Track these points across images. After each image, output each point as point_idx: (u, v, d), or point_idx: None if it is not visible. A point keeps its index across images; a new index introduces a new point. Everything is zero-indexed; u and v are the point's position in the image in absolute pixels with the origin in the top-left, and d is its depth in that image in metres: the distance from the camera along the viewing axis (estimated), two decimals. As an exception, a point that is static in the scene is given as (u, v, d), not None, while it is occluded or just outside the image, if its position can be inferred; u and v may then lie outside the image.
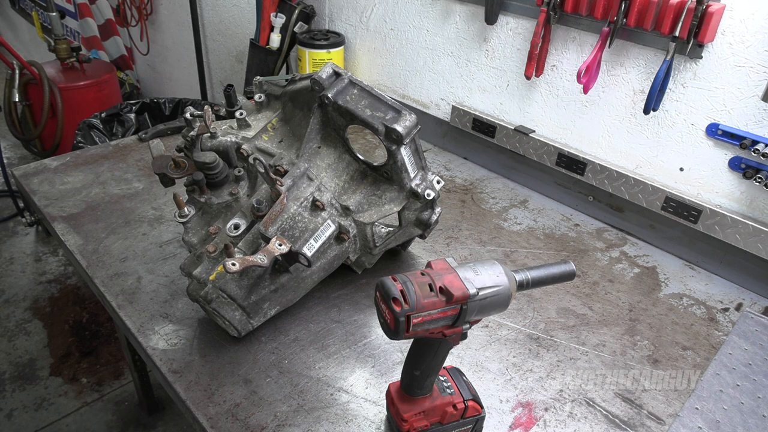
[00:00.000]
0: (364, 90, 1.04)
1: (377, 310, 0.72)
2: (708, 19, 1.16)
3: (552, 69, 1.52)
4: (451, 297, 0.68)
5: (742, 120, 1.22)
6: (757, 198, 1.26)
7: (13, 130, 3.23)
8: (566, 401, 0.97)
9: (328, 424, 0.90)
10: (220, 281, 0.96)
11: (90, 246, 1.28)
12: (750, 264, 1.28)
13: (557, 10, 1.39)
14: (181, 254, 1.26)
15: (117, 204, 1.44)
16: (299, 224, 0.99)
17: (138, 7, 3.49)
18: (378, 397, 0.95)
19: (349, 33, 2.09)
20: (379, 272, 1.22)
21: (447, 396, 0.84)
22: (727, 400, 0.99)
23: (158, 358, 1.00)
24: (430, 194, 1.06)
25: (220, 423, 0.89)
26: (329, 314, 1.12)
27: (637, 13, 1.24)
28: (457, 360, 1.04)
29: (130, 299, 1.13)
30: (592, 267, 1.33)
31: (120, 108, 2.58)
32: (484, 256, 1.34)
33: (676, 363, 1.07)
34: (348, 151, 1.10)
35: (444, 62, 1.79)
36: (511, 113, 1.67)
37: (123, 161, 1.64)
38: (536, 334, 1.11)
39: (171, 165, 0.97)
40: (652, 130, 1.38)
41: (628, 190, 1.42)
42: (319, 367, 1.00)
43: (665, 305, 1.23)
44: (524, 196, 1.62)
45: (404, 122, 0.99)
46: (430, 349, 0.77)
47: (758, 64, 1.16)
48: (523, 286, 0.76)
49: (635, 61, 1.35)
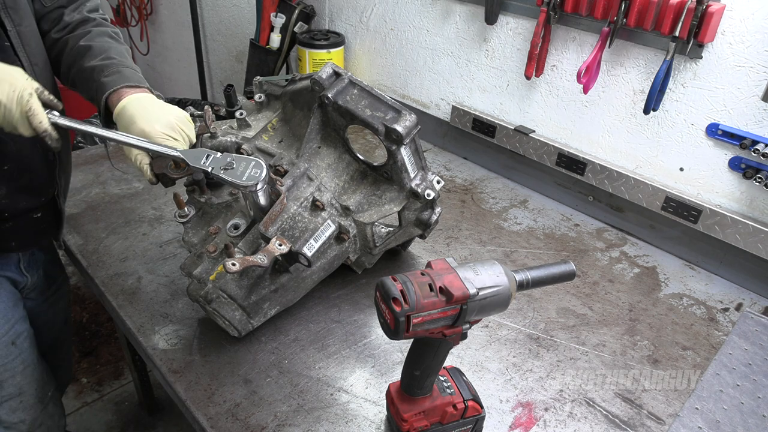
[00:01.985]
0: (364, 90, 1.04)
1: (377, 310, 0.72)
2: (708, 19, 1.16)
3: (552, 69, 1.52)
4: (451, 297, 0.68)
5: (742, 120, 1.22)
6: (757, 198, 1.26)
7: (13, 130, 3.22)
8: (566, 401, 0.97)
9: (328, 424, 0.90)
10: (220, 281, 0.96)
11: (90, 246, 1.28)
12: (750, 264, 1.28)
13: (557, 10, 1.39)
14: (181, 254, 1.26)
15: (117, 204, 1.44)
16: (299, 224, 0.99)
17: (138, 7, 3.49)
18: (378, 397, 0.95)
19: (349, 33, 2.09)
20: (379, 272, 1.22)
21: (447, 396, 0.84)
22: (727, 400, 0.99)
23: (158, 358, 1.00)
24: (430, 194, 1.06)
25: (220, 423, 0.89)
26: (329, 314, 1.12)
27: (637, 13, 1.24)
28: (457, 360, 1.04)
29: (130, 299, 1.13)
30: (592, 267, 1.33)
31: (120, 108, 2.57)
32: (484, 256, 1.34)
33: (676, 363, 1.07)
34: (348, 151, 1.10)
35: (444, 62, 1.79)
36: (511, 113, 1.67)
37: (123, 161, 1.64)
38: (536, 334, 1.11)
39: (171, 165, 0.97)
40: (652, 130, 1.38)
41: (628, 190, 1.42)
42: (319, 367, 1.00)
43: (665, 305, 1.23)
44: (524, 196, 1.62)
45: (404, 122, 0.99)
46: (430, 349, 0.77)
47: (758, 64, 1.16)
48: (523, 286, 0.76)
49: (635, 61, 1.35)
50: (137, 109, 0.96)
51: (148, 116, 0.95)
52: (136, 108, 0.96)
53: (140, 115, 0.95)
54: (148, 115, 0.95)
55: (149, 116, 0.95)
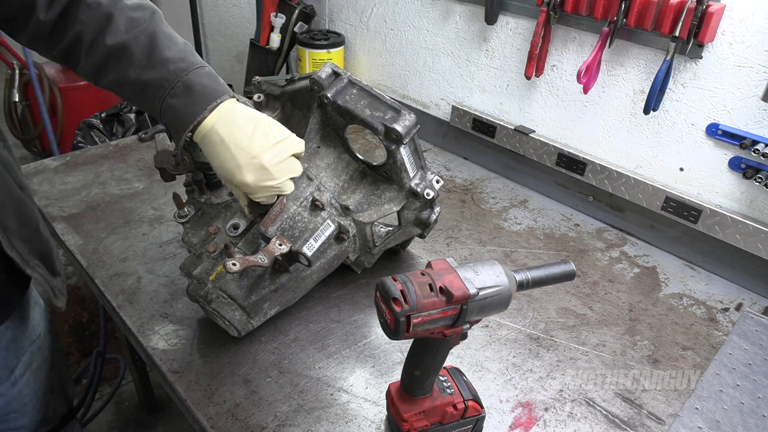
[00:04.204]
0: (364, 90, 1.04)
1: (377, 310, 0.72)
2: (708, 19, 1.16)
3: (552, 69, 1.52)
4: (451, 297, 0.68)
5: (742, 120, 1.22)
6: (757, 198, 1.26)
7: (13, 130, 3.23)
8: (566, 401, 0.97)
9: (328, 424, 0.90)
10: (220, 281, 0.96)
11: (90, 246, 1.28)
12: (750, 264, 1.28)
13: (557, 10, 1.39)
14: (181, 254, 1.26)
15: (117, 204, 1.44)
16: (299, 224, 0.99)
17: (138, 7, 3.48)
18: (378, 397, 0.95)
19: (349, 33, 2.09)
20: (379, 272, 1.22)
21: (447, 396, 0.84)
22: (727, 400, 0.99)
23: (158, 358, 1.00)
24: (430, 194, 1.06)
25: (220, 423, 0.89)
26: (329, 314, 1.12)
27: (637, 13, 1.24)
28: (457, 360, 1.03)
29: (130, 299, 1.13)
30: (592, 267, 1.33)
31: (120, 108, 2.58)
32: (484, 256, 1.34)
33: (676, 363, 1.07)
34: (347, 150, 1.10)
35: (444, 62, 1.79)
36: (511, 113, 1.67)
37: (123, 161, 1.64)
38: (536, 334, 1.11)
39: (172, 162, 0.97)
40: (652, 130, 1.38)
41: (628, 190, 1.42)
42: (319, 367, 1.00)
43: (665, 305, 1.23)
44: (524, 196, 1.62)
45: (404, 122, 0.99)
46: (430, 349, 0.77)
47: (758, 64, 1.16)
48: (523, 286, 0.76)
49: (635, 61, 1.35)
50: (219, 148, 0.79)
51: (236, 154, 0.79)
52: (218, 143, 0.79)
53: (225, 156, 0.79)
54: (235, 152, 0.79)
55: (237, 154, 0.79)
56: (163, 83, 0.79)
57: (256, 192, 0.84)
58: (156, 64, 0.79)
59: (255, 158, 0.80)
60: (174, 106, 0.79)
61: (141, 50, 0.78)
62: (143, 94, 0.80)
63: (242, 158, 0.80)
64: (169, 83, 0.79)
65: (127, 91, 0.82)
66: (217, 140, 0.80)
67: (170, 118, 0.80)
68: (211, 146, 0.81)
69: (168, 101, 0.79)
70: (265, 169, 0.82)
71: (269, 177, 0.83)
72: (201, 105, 0.79)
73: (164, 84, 0.79)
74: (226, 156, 0.80)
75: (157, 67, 0.79)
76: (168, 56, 0.79)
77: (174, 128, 0.82)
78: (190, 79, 0.79)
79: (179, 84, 0.79)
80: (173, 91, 0.79)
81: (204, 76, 0.81)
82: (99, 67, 0.81)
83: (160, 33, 0.81)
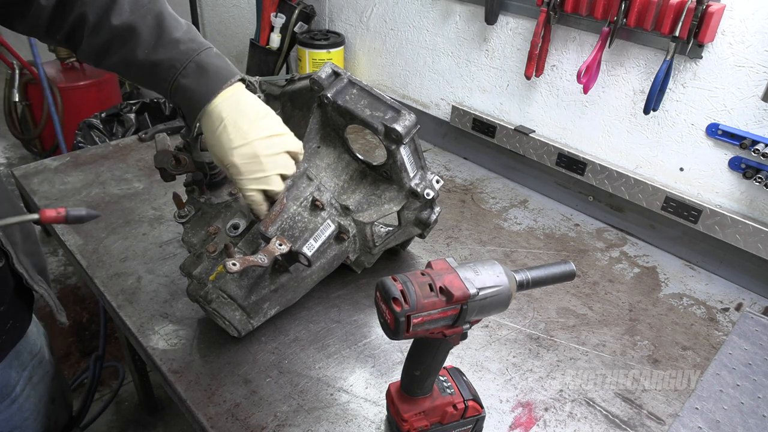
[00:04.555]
0: (364, 90, 1.04)
1: (377, 310, 0.72)
2: (708, 19, 1.16)
3: (552, 69, 1.52)
4: (451, 297, 0.68)
5: (742, 120, 1.22)
6: (757, 198, 1.26)
7: (13, 130, 3.23)
8: (566, 401, 0.97)
9: (328, 424, 0.90)
10: (220, 281, 0.96)
11: (90, 246, 1.28)
12: (750, 264, 1.28)
13: (557, 10, 1.39)
14: (181, 254, 1.26)
15: (117, 204, 1.44)
16: (299, 224, 0.99)
17: (138, 7, 3.48)
18: (378, 397, 0.95)
19: (349, 33, 2.09)
20: (379, 272, 1.22)
21: (447, 396, 0.84)
22: (727, 400, 0.99)
23: (158, 358, 1.00)
24: (430, 193, 1.06)
25: (220, 423, 0.89)
26: (329, 314, 1.12)
27: (637, 13, 1.24)
28: (457, 360, 1.03)
29: (130, 299, 1.13)
30: (592, 267, 1.33)
31: (120, 108, 2.58)
32: (484, 256, 1.34)
33: (676, 363, 1.07)
34: (347, 150, 1.10)
35: (444, 62, 1.79)
36: (511, 113, 1.67)
37: (123, 161, 1.64)
38: (536, 334, 1.11)
39: (172, 162, 0.97)
40: (652, 130, 1.38)
41: (628, 190, 1.42)
42: (319, 367, 1.00)
43: (665, 305, 1.23)
44: (524, 196, 1.62)
45: (404, 122, 0.99)
46: (430, 349, 0.77)
47: (758, 64, 1.16)
48: (523, 286, 0.76)
49: (635, 61, 1.35)
50: (219, 127, 0.79)
51: (233, 136, 0.79)
52: (218, 121, 0.79)
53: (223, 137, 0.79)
54: (233, 134, 0.79)
55: (234, 135, 0.79)
56: (175, 63, 0.78)
57: (244, 184, 0.84)
58: (166, 44, 0.78)
59: (249, 143, 0.81)
60: (186, 86, 0.79)
61: (148, 30, 0.78)
62: (152, 74, 0.80)
63: (237, 140, 0.80)
64: (181, 63, 0.78)
65: (133, 72, 0.82)
66: (218, 119, 0.80)
67: (182, 97, 0.80)
68: (211, 123, 0.81)
69: (180, 81, 0.79)
70: (257, 157, 0.82)
71: (258, 166, 0.82)
72: (214, 85, 0.79)
73: (176, 64, 0.78)
74: (223, 136, 0.80)
75: (167, 47, 0.78)
76: (177, 36, 0.79)
77: (187, 107, 0.82)
78: (202, 59, 0.79)
79: (191, 64, 0.79)
80: (185, 71, 0.79)
81: (214, 57, 0.81)
82: (102, 47, 0.80)
83: (165, 13, 0.80)
